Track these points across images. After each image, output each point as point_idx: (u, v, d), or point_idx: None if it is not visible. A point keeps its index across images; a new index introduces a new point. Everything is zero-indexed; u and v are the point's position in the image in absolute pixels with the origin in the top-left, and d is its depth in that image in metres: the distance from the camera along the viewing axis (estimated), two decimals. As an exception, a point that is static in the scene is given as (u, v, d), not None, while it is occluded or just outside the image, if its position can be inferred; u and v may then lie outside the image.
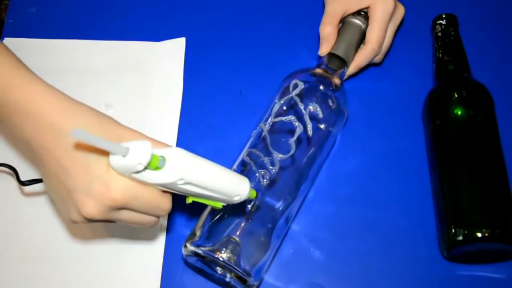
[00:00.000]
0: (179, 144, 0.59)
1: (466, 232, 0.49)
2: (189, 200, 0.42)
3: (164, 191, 0.41)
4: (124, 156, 0.36)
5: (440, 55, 0.59)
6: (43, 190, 0.56)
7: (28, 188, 0.55)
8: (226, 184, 0.41)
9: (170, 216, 0.55)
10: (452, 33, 0.59)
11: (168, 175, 0.38)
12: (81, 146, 0.38)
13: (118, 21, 0.66)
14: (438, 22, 0.60)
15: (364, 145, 0.59)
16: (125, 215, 0.41)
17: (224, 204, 0.44)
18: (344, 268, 0.53)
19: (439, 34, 0.60)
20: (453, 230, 0.50)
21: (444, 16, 0.60)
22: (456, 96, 0.55)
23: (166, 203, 0.41)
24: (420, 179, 0.57)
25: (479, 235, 0.49)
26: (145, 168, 0.37)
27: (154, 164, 0.37)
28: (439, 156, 0.54)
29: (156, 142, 0.41)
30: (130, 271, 0.52)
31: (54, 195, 0.42)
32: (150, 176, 0.38)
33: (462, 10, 0.62)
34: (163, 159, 0.38)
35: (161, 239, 0.54)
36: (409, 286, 0.53)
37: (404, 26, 0.63)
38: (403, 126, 0.60)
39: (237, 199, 0.43)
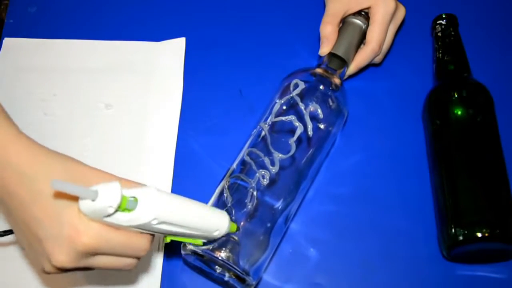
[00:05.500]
0: (179, 143, 0.59)
1: (466, 232, 0.49)
2: (167, 240, 0.40)
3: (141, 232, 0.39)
4: (93, 200, 0.34)
5: (440, 55, 0.59)
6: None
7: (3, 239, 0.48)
8: (204, 221, 0.40)
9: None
10: (452, 33, 0.59)
11: (141, 216, 0.36)
12: (51, 194, 0.36)
13: (117, 21, 0.66)
14: (438, 22, 0.60)
15: (364, 145, 0.59)
16: (100, 260, 0.38)
17: (205, 241, 0.44)
18: (344, 268, 0.53)
19: (439, 34, 0.60)
20: (453, 230, 0.50)
21: (444, 16, 0.60)
22: (456, 96, 0.55)
23: (143, 244, 0.39)
24: (420, 179, 0.57)
25: (479, 235, 0.49)
26: (116, 210, 0.35)
27: (125, 205, 0.35)
28: (439, 156, 0.54)
29: (127, 182, 0.39)
30: (130, 271, 0.52)
31: (25, 246, 0.40)
32: (123, 218, 0.36)
33: (462, 10, 0.62)
34: (134, 200, 0.36)
35: (161, 239, 0.54)
36: (409, 286, 0.53)
37: (404, 26, 0.63)
38: (403, 126, 0.60)
39: (216, 234, 0.42)
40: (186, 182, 0.57)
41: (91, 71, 0.63)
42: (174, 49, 0.64)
